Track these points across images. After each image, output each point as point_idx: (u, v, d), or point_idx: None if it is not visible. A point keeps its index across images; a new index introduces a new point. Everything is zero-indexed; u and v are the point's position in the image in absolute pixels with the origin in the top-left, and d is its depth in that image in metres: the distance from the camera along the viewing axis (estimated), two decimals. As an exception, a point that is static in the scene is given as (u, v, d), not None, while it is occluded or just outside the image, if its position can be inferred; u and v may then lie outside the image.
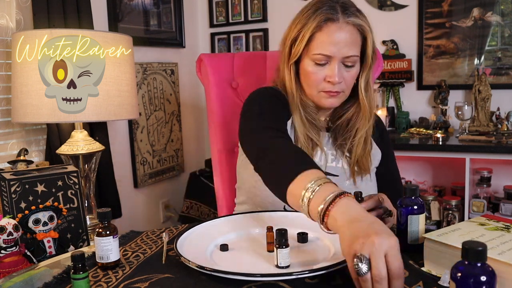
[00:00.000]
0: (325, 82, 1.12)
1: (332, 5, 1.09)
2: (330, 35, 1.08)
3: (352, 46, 1.10)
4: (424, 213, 0.88)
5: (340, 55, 1.09)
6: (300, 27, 1.12)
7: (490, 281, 0.56)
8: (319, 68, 1.12)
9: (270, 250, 0.87)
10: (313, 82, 1.13)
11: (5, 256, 1.07)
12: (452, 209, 2.35)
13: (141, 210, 2.66)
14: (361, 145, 1.16)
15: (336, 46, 1.08)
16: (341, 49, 1.09)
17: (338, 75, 1.10)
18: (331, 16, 1.08)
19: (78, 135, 1.63)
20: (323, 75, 1.12)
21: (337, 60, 1.10)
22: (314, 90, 1.15)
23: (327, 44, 1.09)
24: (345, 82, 1.13)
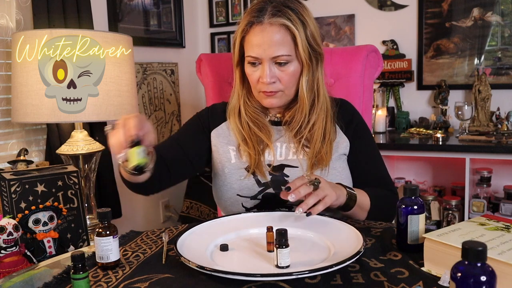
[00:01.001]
0: (260, 82, 1.15)
1: (262, 7, 1.12)
2: (254, 37, 1.12)
3: (279, 46, 1.11)
4: (424, 213, 0.88)
5: (267, 56, 1.11)
6: (236, 30, 1.17)
7: (490, 281, 0.56)
8: (254, 69, 1.15)
9: (270, 250, 0.87)
10: (252, 83, 1.18)
11: (5, 256, 1.07)
12: (452, 209, 2.35)
13: (141, 210, 2.66)
14: (319, 138, 1.17)
15: (261, 47, 1.11)
16: (266, 50, 1.11)
17: (268, 75, 1.12)
18: (255, 19, 1.11)
19: (78, 135, 1.63)
20: (258, 76, 1.15)
21: (266, 60, 1.12)
22: (255, 91, 1.19)
23: (253, 46, 1.12)
24: (281, 81, 1.15)
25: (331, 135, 1.19)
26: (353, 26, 2.80)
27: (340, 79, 1.66)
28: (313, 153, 1.17)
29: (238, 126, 1.21)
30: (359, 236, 0.88)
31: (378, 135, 2.54)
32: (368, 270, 0.79)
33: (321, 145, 1.17)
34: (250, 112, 1.22)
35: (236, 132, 1.21)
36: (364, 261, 0.83)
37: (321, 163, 1.16)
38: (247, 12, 1.15)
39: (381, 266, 0.81)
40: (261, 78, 1.14)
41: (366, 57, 1.64)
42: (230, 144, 1.23)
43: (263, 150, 1.19)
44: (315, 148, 1.17)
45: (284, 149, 1.20)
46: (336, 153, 1.20)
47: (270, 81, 1.13)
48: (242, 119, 1.21)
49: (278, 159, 1.19)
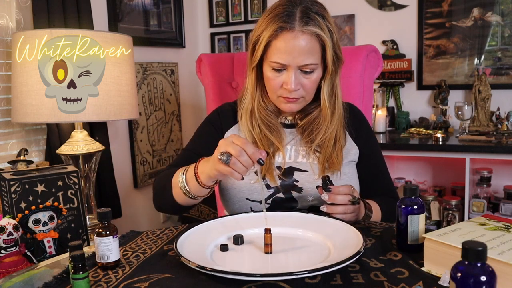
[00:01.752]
0: (283, 88, 1.13)
1: (291, 11, 1.08)
2: (284, 44, 1.08)
3: (309, 55, 1.09)
4: (424, 213, 0.88)
5: (295, 64, 1.09)
6: (259, 32, 1.12)
7: (490, 281, 0.56)
8: (277, 75, 1.12)
9: (268, 252, 0.87)
10: (272, 88, 1.15)
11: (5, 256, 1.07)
12: (452, 209, 2.35)
13: (141, 210, 2.66)
14: (331, 143, 1.17)
15: (291, 55, 1.08)
16: (296, 58, 1.09)
17: (294, 82, 1.10)
18: (286, 25, 1.07)
19: (78, 135, 1.63)
20: (281, 82, 1.13)
21: (293, 68, 1.10)
22: (273, 95, 1.17)
23: (282, 53, 1.09)
24: (304, 88, 1.14)
25: (341, 140, 1.19)
26: (353, 26, 2.80)
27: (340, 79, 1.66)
28: (324, 158, 1.16)
29: (250, 128, 1.19)
30: (359, 236, 0.88)
31: (378, 135, 2.54)
32: (368, 270, 0.79)
33: (332, 150, 1.16)
34: (263, 114, 1.20)
35: (246, 134, 1.20)
36: (364, 261, 0.83)
37: (333, 168, 1.15)
38: (272, 15, 1.10)
39: (381, 266, 0.81)
40: (285, 84, 1.12)
41: (366, 57, 1.65)
42: None
43: (273, 153, 1.18)
44: (327, 152, 1.16)
45: (294, 151, 1.19)
46: (346, 159, 1.19)
47: (295, 89, 1.12)
48: (254, 121, 1.19)
49: (287, 161, 1.18)
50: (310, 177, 1.15)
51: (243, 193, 1.17)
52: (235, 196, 1.18)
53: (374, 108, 2.60)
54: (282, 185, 1.16)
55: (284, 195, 1.15)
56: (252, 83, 1.20)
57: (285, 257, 0.87)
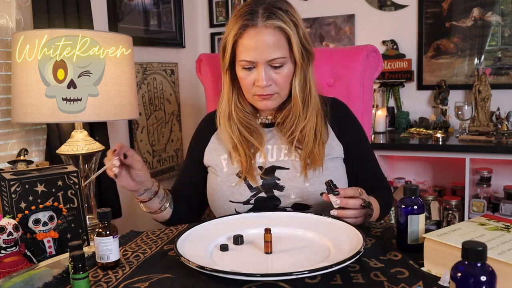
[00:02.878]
0: (255, 86, 1.14)
1: (253, 9, 1.10)
2: (249, 40, 1.10)
3: (275, 49, 1.10)
4: (424, 213, 0.88)
5: (263, 59, 1.11)
6: (226, 34, 1.15)
7: (490, 281, 0.56)
8: (248, 73, 1.14)
9: (268, 252, 0.87)
10: (245, 87, 1.17)
11: (5, 256, 1.07)
12: (452, 209, 2.35)
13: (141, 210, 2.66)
14: (311, 138, 1.17)
15: (257, 51, 1.10)
16: (262, 53, 1.10)
17: (265, 78, 1.12)
18: (249, 22, 1.10)
19: (78, 135, 1.63)
20: (252, 80, 1.14)
21: (262, 64, 1.11)
22: (248, 94, 1.18)
23: (248, 50, 1.11)
24: (276, 84, 1.14)
25: (322, 135, 1.19)
26: (353, 26, 2.80)
27: (340, 79, 1.66)
28: (306, 154, 1.16)
29: (229, 132, 1.20)
30: (359, 236, 0.88)
31: (378, 135, 2.54)
32: (368, 270, 0.79)
33: (313, 145, 1.16)
34: (241, 116, 1.21)
35: (226, 138, 1.20)
36: (364, 261, 0.83)
37: (315, 163, 1.15)
38: (236, 16, 1.13)
39: (381, 266, 0.81)
40: (256, 81, 1.13)
41: (366, 57, 1.65)
42: (221, 154, 1.22)
43: (254, 153, 1.19)
44: (308, 148, 1.16)
45: (276, 150, 1.20)
46: (330, 156, 1.19)
47: (267, 84, 1.12)
48: (233, 124, 1.20)
49: (270, 161, 1.18)
50: (291, 175, 1.16)
51: (226, 196, 1.18)
52: (219, 200, 1.19)
53: (374, 108, 2.59)
54: (263, 184, 1.16)
55: (266, 194, 1.15)
56: (227, 86, 1.21)
57: (285, 257, 0.87)
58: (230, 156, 1.20)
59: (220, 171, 1.20)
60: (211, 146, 1.27)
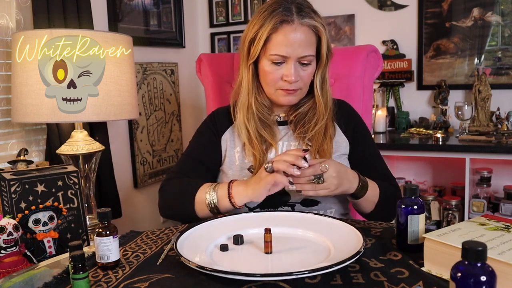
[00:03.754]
0: (282, 80, 1.17)
1: (287, 7, 1.14)
2: (285, 36, 1.13)
3: (307, 46, 1.15)
4: (424, 213, 0.88)
5: (295, 55, 1.15)
6: (257, 28, 1.17)
7: (490, 281, 0.56)
8: (276, 68, 1.17)
9: (268, 252, 0.87)
10: (271, 81, 1.19)
11: (5, 256, 1.07)
12: (452, 209, 2.35)
13: (141, 210, 2.66)
14: (321, 135, 1.21)
15: (291, 47, 1.14)
16: (296, 49, 1.14)
17: (294, 74, 1.15)
18: (286, 18, 1.13)
19: (78, 135, 1.63)
20: (280, 74, 1.17)
21: (293, 59, 1.15)
22: (272, 89, 1.20)
23: (282, 45, 1.14)
24: (301, 80, 1.18)
25: (330, 131, 1.23)
26: (353, 26, 2.80)
27: (340, 79, 1.66)
28: (315, 149, 1.19)
29: (246, 124, 1.22)
30: (359, 236, 0.88)
31: (378, 135, 2.55)
32: (368, 270, 0.79)
33: (322, 140, 1.20)
34: (259, 110, 1.23)
35: (243, 129, 1.23)
36: (364, 261, 0.83)
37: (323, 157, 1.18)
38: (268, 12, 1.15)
39: (381, 266, 0.81)
40: (285, 76, 1.16)
41: (366, 57, 1.65)
42: (235, 147, 1.25)
43: (267, 149, 1.21)
44: (317, 143, 1.20)
45: (285, 146, 1.23)
46: (338, 152, 1.23)
47: (295, 80, 1.16)
48: (251, 117, 1.22)
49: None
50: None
51: None
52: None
53: (374, 108, 2.60)
54: None
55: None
56: (249, 79, 1.23)
57: (285, 257, 0.87)
58: (243, 148, 1.23)
59: (232, 164, 1.23)
60: (227, 136, 1.28)
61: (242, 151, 1.23)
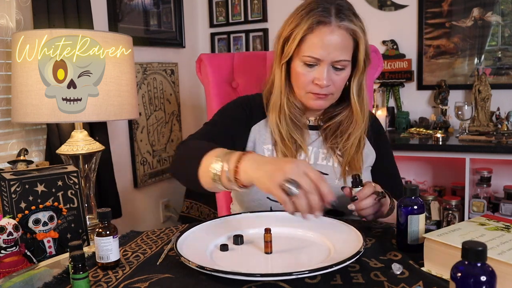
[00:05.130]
0: (313, 84, 1.12)
1: (326, 7, 1.08)
2: (321, 38, 1.08)
3: (343, 51, 1.10)
4: (424, 213, 0.88)
5: (329, 59, 1.09)
6: (293, 27, 1.11)
7: (490, 281, 0.56)
8: (308, 70, 1.12)
9: (268, 252, 0.87)
10: (302, 83, 1.14)
11: (5, 256, 1.07)
12: (452, 209, 2.35)
13: (141, 210, 2.66)
14: (354, 147, 1.16)
15: (326, 50, 1.08)
16: (331, 53, 1.08)
17: (326, 78, 1.10)
18: (324, 19, 1.07)
19: (78, 135, 1.63)
20: (312, 77, 1.12)
21: (327, 63, 1.10)
22: (302, 91, 1.15)
23: (317, 47, 1.08)
24: (334, 85, 1.13)
25: (362, 143, 1.18)
26: (353, 26, 2.80)
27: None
28: (346, 161, 1.15)
29: (278, 124, 1.17)
30: (359, 236, 0.88)
31: (378, 135, 2.55)
32: (368, 270, 0.79)
33: (354, 153, 1.16)
34: (291, 111, 1.18)
35: (275, 129, 1.18)
36: (364, 261, 0.83)
37: (354, 170, 1.14)
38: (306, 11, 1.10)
39: (381, 266, 0.81)
40: (317, 79, 1.11)
41: (366, 57, 1.64)
42: (266, 143, 1.20)
43: (297, 151, 1.17)
44: (349, 155, 1.15)
45: (314, 153, 1.19)
46: (366, 165, 1.19)
47: (327, 84, 1.11)
48: (283, 117, 1.17)
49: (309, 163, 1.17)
50: (331, 180, 1.15)
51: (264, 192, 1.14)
52: (256, 194, 1.15)
53: (374, 108, 2.59)
54: None
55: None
56: (281, 79, 1.17)
57: (285, 257, 0.87)
58: (275, 148, 1.18)
59: None
60: (257, 128, 1.22)
61: (273, 149, 1.18)
